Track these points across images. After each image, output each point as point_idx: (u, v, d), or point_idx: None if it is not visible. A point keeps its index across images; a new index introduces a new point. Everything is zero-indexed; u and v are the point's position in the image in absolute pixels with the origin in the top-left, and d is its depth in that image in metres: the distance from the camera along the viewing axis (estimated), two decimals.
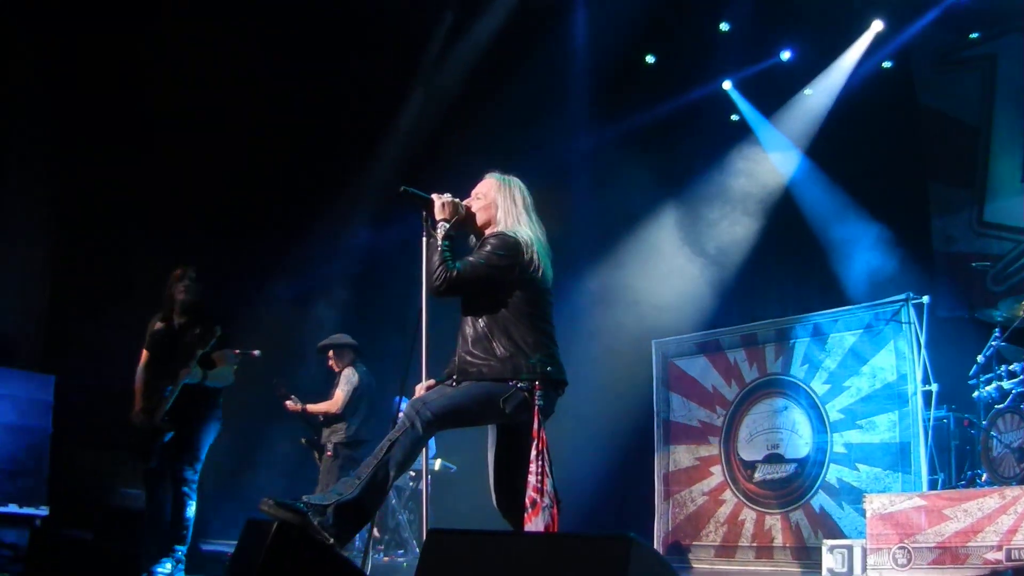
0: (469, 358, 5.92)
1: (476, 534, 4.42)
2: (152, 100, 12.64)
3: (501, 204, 6.20)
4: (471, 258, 5.96)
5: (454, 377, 5.94)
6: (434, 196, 6.15)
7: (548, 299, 6.13)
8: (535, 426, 5.71)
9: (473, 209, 6.24)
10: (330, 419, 11.65)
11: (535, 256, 5.98)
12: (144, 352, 9.25)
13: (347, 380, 11.73)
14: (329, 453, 11.52)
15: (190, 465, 8.78)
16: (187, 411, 8.84)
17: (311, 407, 11.71)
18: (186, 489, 8.71)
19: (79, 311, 12.46)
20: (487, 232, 6.16)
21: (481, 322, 5.96)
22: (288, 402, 11.68)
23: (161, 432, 8.69)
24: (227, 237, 13.32)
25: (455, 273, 5.85)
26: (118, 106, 12.46)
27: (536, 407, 5.75)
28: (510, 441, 5.99)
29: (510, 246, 5.94)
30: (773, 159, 14.59)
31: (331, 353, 12.00)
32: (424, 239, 6.10)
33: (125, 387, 9.41)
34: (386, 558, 12.61)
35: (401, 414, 5.78)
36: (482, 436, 6.22)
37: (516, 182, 6.33)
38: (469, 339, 5.98)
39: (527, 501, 5.61)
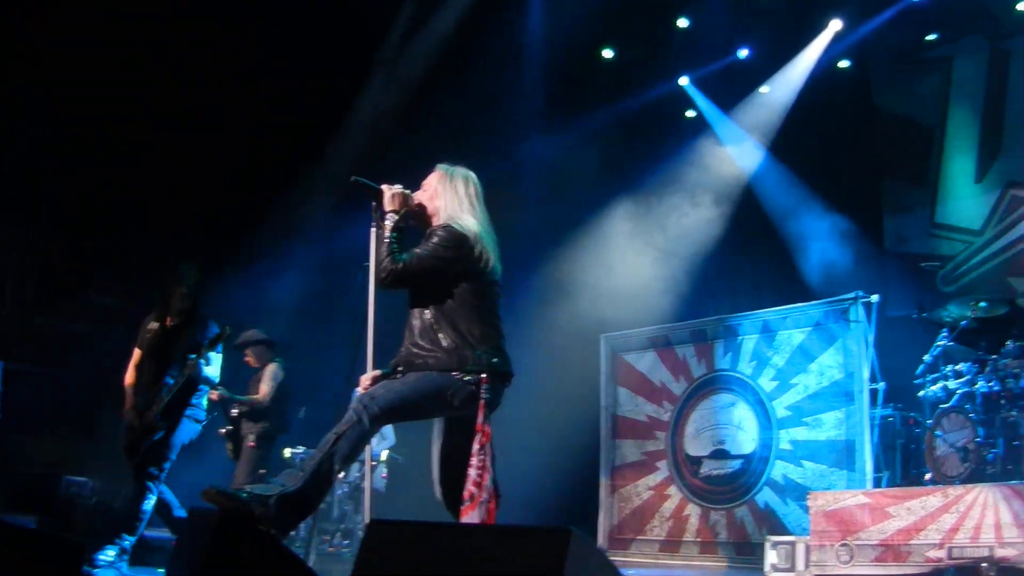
0: (415, 349, 5.88)
1: (416, 525, 4.36)
2: (135, 97, 12.58)
3: (445, 195, 6.16)
4: (417, 250, 5.91)
5: (399, 368, 5.92)
6: (384, 187, 6.11)
7: (495, 291, 6.10)
8: (480, 420, 5.69)
9: (421, 200, 6.20)
10: (257, 412, 11.62)
11: (483, 248, 5.95)
12: (136, 351, 9.19)
13: (272, 375, 11.78)
14: (252, 444, 11.51)
15: (157, 462, 8.75)
16: (171, 410, 8.81)
17: (240, 399, 11.68)
18: (149, 483, 8.66)
19: (31, 300, 12.38)
20: (433, 223, 6.13)
21: (428, 314, 5.92)
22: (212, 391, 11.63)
23: (153, 431, 8.66)
24: (190, 228, 13.26)
25: (401, 265, 5.82)
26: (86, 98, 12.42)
27: (482, 400, 5.73)
28: (457, 434, 5.95)
29: (456, 238, 5.90)
30: (728, 156, 14.60)
31: (248, 350, 12.00)
32: (373, 230, 6.07)
33: (75, 376, 9.35)
34: (331, 548, 12.56)
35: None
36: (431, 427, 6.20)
37: (463, 173, 6.28)
38: (416, 330, 5.94)
39: (465, 495, 5.59)
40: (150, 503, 8.66)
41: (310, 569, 4.91)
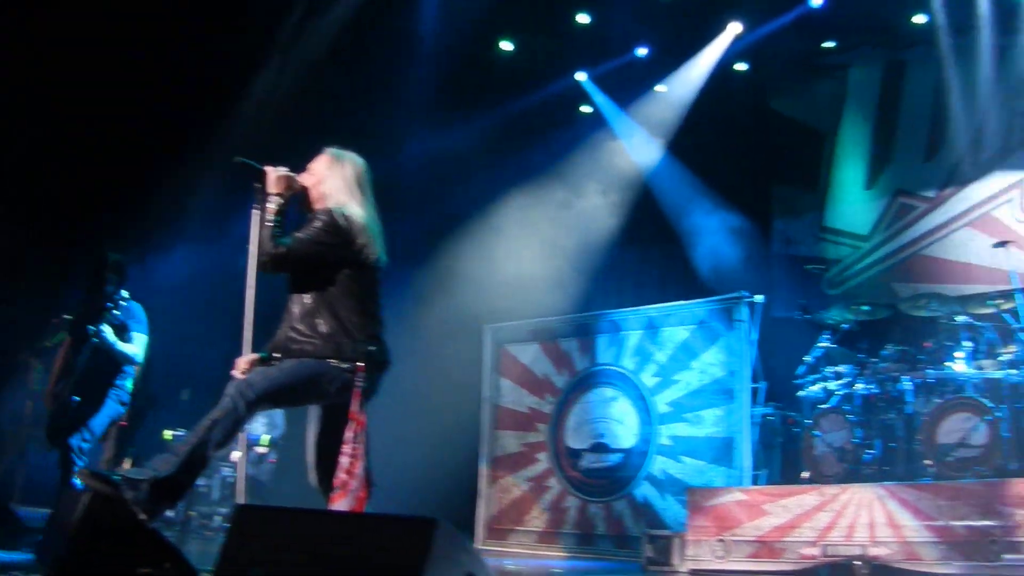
0: (293, 334, 5.78)
1: (284, 511, 4.41)
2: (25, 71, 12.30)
3: (332, 179, 6.05)
4: (299, 234, 5.80)
5: (276, 354, 5.82)
6: (268, 168, 5.98)
7: (376, 278, 6.00)
8: (355, 408, 5.62)
9: (306, 184, 6.09)
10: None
11: (366, 236, 5.86)
12: (67, 338, 9.26)
13: (144, 347, 11.53)
14: (124, 423, 11.28)
15: (79, 438, 8.70)
16: (90, 387, 8.87)
17: None
18: (72, 456, 8.65)
19: None
20: (319, 208, 6.03)
21: (307, 299, 5.82)
22: None
23: (67, 408, 8.62)
24: (75, 208, 13.04)
25: (283, 249, 5.72)
26: None
27: (357, 388, 5.66)
28: (332, 421, 5.85)
29: (339, 224, 5.79)
30: (620, 154, 14.66)
31: None
32: (255, 212, 5.95)
33: None
34: (208, 532, 12.41)
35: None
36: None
37: (351, 158, 6.17)
38: (295, 316, 5.83)
39: (336, 482, 5.53)
40: None
41: (180, 553, 4.84)
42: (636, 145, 14.62)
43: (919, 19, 12.78)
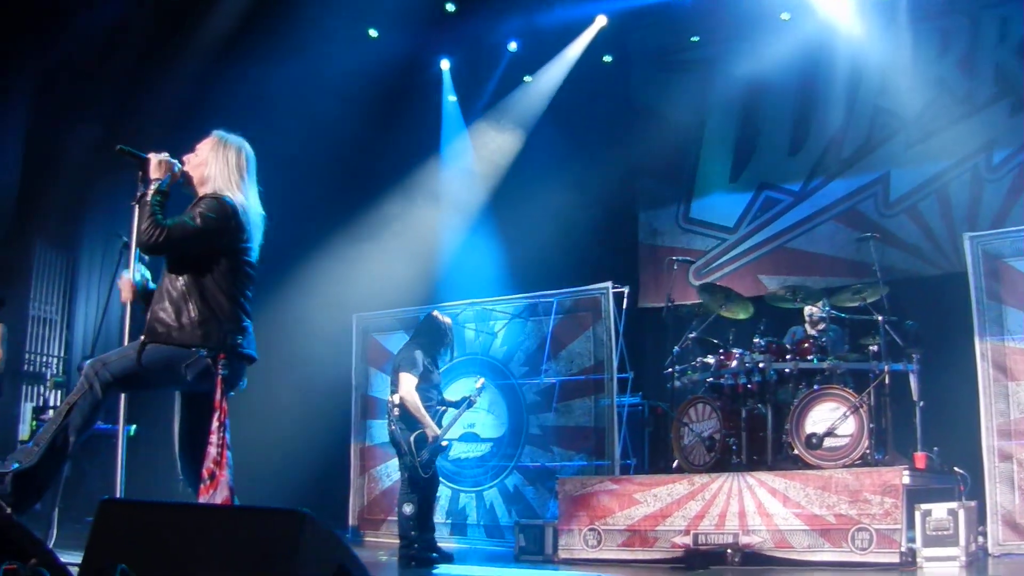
0: (162, 315, 5.66)
1: (149, 504, 4.31)
2: None
3: (214, 164, 5.92)
4: (183, 216, 5.68)
5: (143, 336, 5.67)
6: (150, 155, 5.84)
7: (250, 269, 5.91)
8: (217, 396, 5.50)
9: (188, 168, 5.95)
10: None
11: (247, 225, 5.78)
12: None
13: (3, 338, 11.19)
14: None
15: None
16: None
17: None
18: None
19: None
20: (201, 192, 5.88)
21: (180, 283, 5.71)
22: None
23: None
24: None
25: (164, 231, 5.57)
26: None
27: (219, 376, 5.53)
28: (194, 410, 5.80)
29: (223, 210, 5.70)
30: (487, 142, 14.64)
31: None
32: (138, 199, 5.78)
33: None
34: (79, 526, 12.15)
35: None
36: None
37: (237, 143, 6.05)
38: (164, 299, 5.72)
39: (205, 473, 5.43)
40: None
41: (48, 548, 4.69)
42: (503, 134, 14.59)
43: (785, 16, 12.88)
